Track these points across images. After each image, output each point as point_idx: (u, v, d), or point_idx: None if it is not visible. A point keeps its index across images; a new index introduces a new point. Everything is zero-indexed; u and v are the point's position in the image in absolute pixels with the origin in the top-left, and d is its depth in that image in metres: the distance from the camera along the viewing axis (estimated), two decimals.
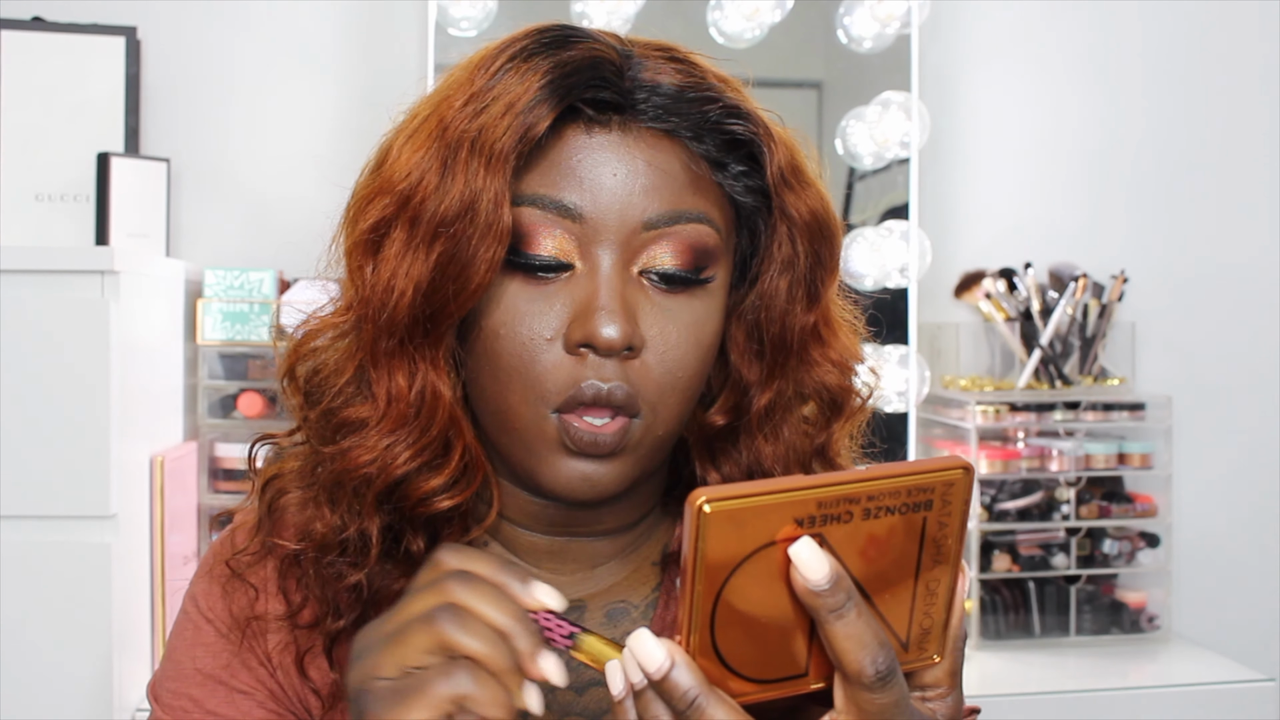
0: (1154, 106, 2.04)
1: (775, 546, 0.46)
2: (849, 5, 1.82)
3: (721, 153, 0.66)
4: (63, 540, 1.38)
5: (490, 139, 0.61)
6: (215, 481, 1.66)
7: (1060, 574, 1.79)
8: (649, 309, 0.64)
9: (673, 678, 0.47)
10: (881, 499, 0.47)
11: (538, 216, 0.62)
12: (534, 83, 0.61)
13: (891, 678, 0.47)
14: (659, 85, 0.64)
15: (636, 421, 0.64)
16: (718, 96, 0.65)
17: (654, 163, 0.63)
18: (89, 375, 1.37)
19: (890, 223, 1.82)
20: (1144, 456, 1.81)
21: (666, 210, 0.63)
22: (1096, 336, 1.87)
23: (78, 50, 1.71)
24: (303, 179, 1.83)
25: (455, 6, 1.74)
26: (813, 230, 0.68)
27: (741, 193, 0.67)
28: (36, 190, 1.70)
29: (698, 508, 0.45)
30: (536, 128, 0.61)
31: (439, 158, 0.62)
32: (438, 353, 0.64)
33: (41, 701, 1.37)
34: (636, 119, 0.64)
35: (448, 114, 0.63)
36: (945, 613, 0.51)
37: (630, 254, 0.63)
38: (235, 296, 1.69)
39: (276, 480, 0.70)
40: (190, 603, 0.74)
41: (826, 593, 0.46)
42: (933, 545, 0.48)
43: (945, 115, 1.96)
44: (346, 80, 1.88)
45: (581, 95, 0.62)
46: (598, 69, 0.63)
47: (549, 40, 0.63)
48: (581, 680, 0.72)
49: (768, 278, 0.68)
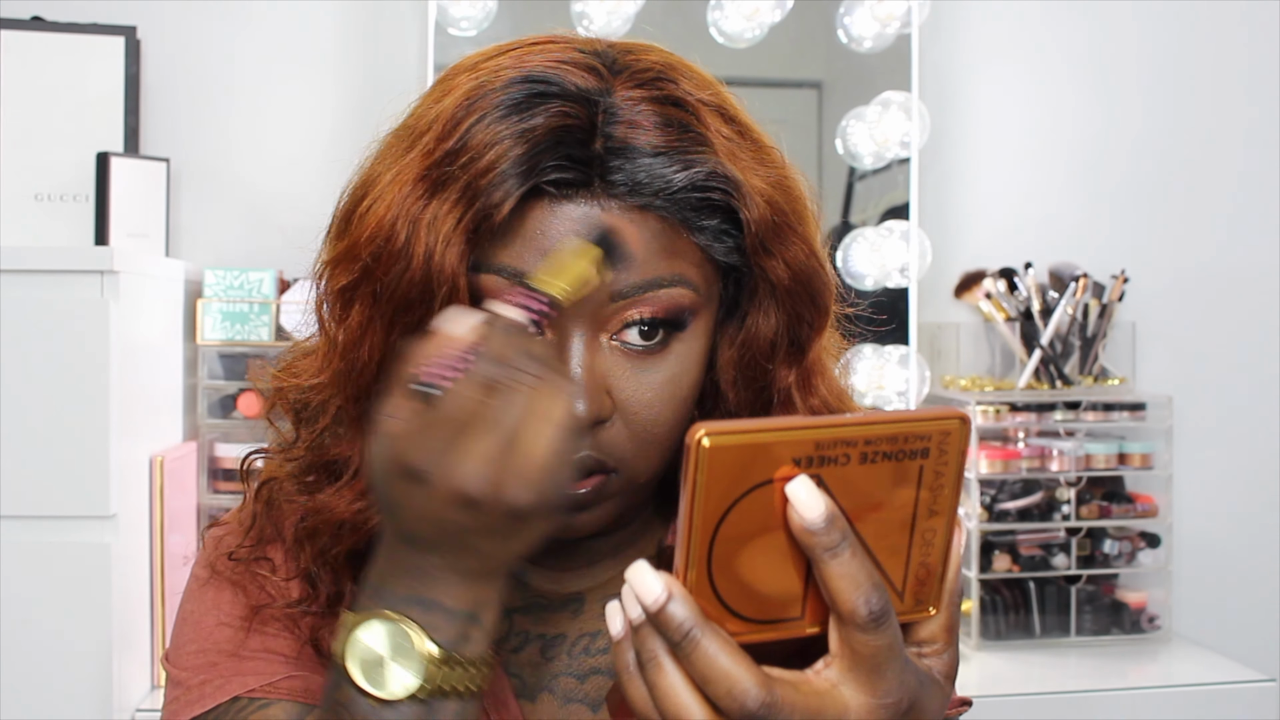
0: (1154, 106, 2.04)
1: (772, 485, 0.47)
2: (849, 5, 1.82)
3: (699, 216, 0.62)
4: (63, 540, 1.37)
5: (449, 219, 0.59)
6: (215, 481, 1.66)
7: (1060, 574, 1.79)
8: (621, 374, 0.63)
9: (669, 610, 0.47)
10: (878, 444, 0.47)
11: (502, 285, 0.60)
12: (493, 160, 0.59)
13: (885, 620, 0.47)
14: (630, 148, 0.60)
15: (614, 476, 0.64)
16: (693, 159, 0.61)
17: (627, 236, 0.61)
18: (89, 375, 1.37)
19: (890, 223, 1.83)
20: (1144, 456, 1.81)
21: (635, 281, 0.61)
22: (1097, 336, 1.87)
23: (77, 50, 1.71)
24: (303, 179, 1.83)
25: (455, 6, 1.74)
26: (794, 292, 0.66)
27: (722, 253, 0.64)
28: (36, 190, 1.70)
29: (696, 441, 0.45)
30: (496, 215, 0.59)
31: (403, 227, 0.60)
32: None
33: (41, 701, 1.37)
34: (606, 190, 0.61)
35: (406, 177, 0.61)
36: (941, 565, 0.51)
37: (598, 324, 0.62)
38: (235, 296, 1.69)
39: (272, 483, 0.70)
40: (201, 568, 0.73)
41: (821, 531, 0.46)
42: (929, 494, 0.49)
43: (945, 115, 1.96)
44: (346, 80, 1.88)
45: (544, 177, 0.59)
46: (563, 143, 0.59)
47: (515, 100, 0.60)
48: (584, 669, 0.73)
49: (750, 331, 0.67)
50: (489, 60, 0.64)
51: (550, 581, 0.75)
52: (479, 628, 0.56)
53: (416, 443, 0.52)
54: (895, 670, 0.48)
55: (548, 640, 0.74)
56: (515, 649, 0.74)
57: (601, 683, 0.73)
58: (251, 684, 0.67)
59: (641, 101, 0.62)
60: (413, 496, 0.52)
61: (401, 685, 0.54)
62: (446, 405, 0.51)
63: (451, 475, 0.51)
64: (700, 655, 0.46)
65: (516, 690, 0.73)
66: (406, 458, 0.52)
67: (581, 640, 0.74)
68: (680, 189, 0.61)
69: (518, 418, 0.52)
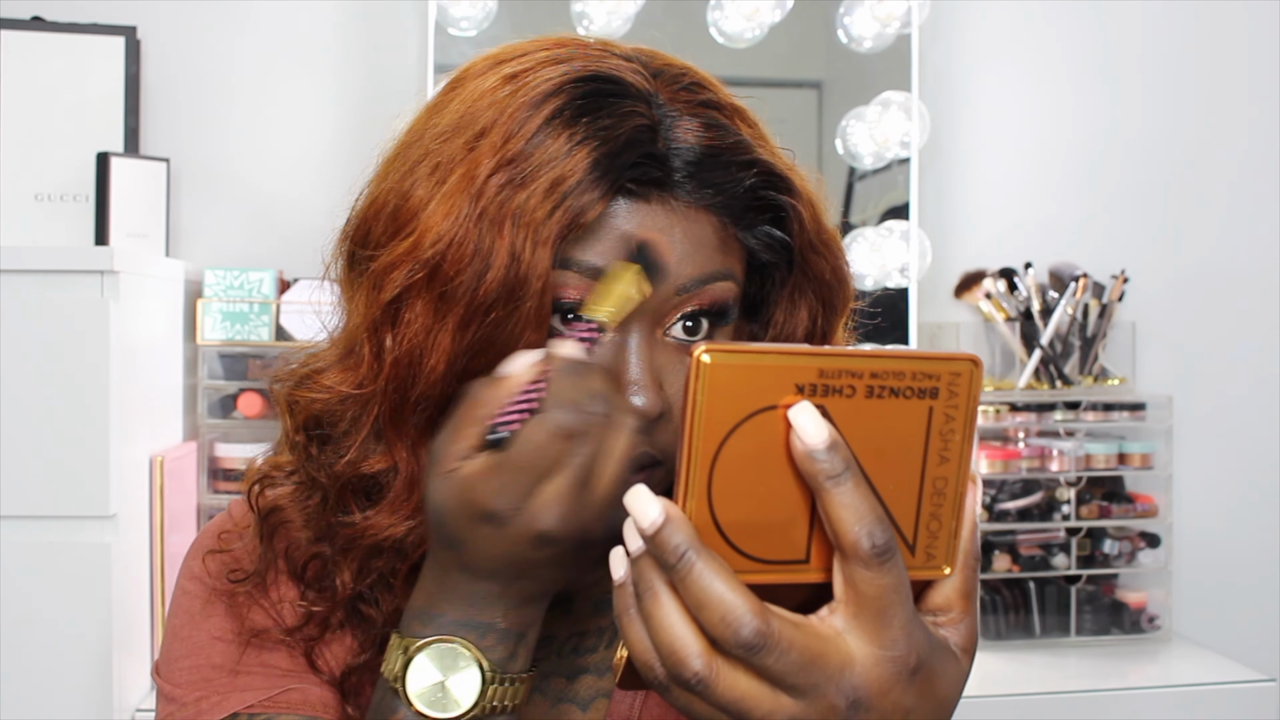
0: (1154, 106, 2.04)
1: (775, 412, 0.46)
2: (849, 5, 1.82)
3: (751, 216, 0.65)
4: (63, 540, 1.37)
5: (536, 220, 0.57)
6: (215, 481, 1.66)
7: (1060, 574, 1.79)
8: (673, 369, 0.63)
9: (664, 532, 0.45)
10: (885, 378, 0.46)
11: (574, 280, 0.60)
12: (580, 161, 0.58)
13: (890, 556, 0.45)
14: (691, 148, 0.62)
15: (659, 469, 0.63)
16: (751, 160, 0.63)
17: (689, 233, 0.62)
18: (89, 375, 1.37)
19: (890, 223, 1.82)
20: (1144, 456, 1.81)
21: (697, 275, 0.62)
22: (1097, 336, 1.87)
23: (77, 50, 1.71)
24: (303, 179, 1.83)
25: (455, 6, 1.74)
26: (832, 286, 0.69)
27: (763, 250, 0.66)
28: (36, 190, 1.70)
29: (697, 358, 0.45)
30: (587, 214, 0.58)
31: (481, 226, 0.58)
32: None
33: (41, 701, 1.37)
34: (673, 191, 0.62)
35: (478, 175, 0.59)
36: (955, 520, 0.49)
37: (660, 319, 0.63)
38: (235, 296, 1.69)
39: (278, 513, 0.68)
40: (189, 581, 0.72)
41: (823, 458, 0.45)
42: (939, 439, 0.47)
43: (945, 115, 1.96)
44: (346, 80, 1.88)
45: (629, 176, 0.60)
46: (639, 144, 0.60)
47: (584, 101, 0.60)
48: (573, 668, 0.73)
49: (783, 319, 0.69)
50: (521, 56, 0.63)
51: None
52: (525, 645, 0.59)
53: (492, 487, 0.54)
54: (902, 619, 0.46)
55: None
56: None
57: (591, 682, 0.72)
58: (250, 699, 0.67)
59: (684, 104, 0.63)
60: (487, 537, 0.55)
61: (458, 706, 0.57)
62: (519, 451, 0.54)
63: (531, 518, 0.54)
64: (695, 579, 0.45)
65: None
66: (482, 502, 0.54)
67: (571, 640, 0.74)
68: (741, 188, 0.63)
69: (588, 457, 0.54)
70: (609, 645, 0.74)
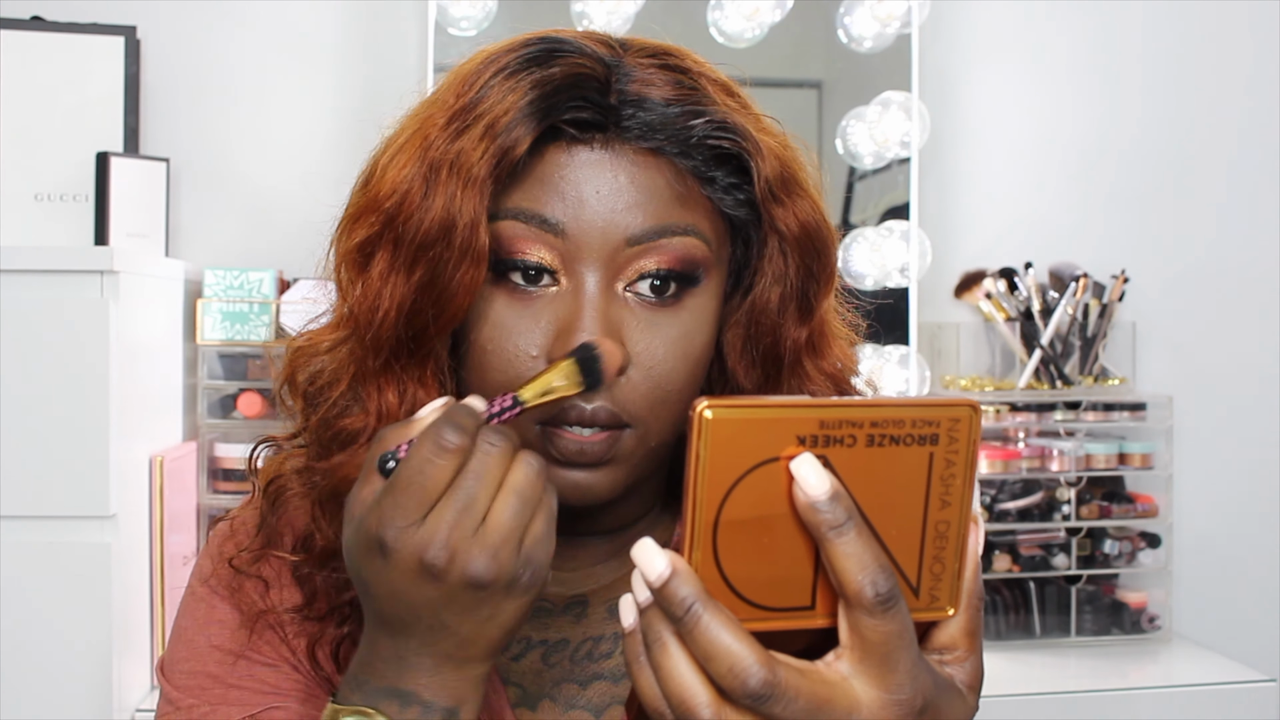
0: (1154, 106, 2.04)
1: (778, 464, 0.46)
2: (849, 5, 1.82)
3: (709, 167, 0.64)
4: (63, 540, 1.37)
5: (468, 162, 0.60)
6: (215, 481, 1.66)
7: (1061, 574, 1.79)
8: (635, 325, 0.63)
9: (671, 585, 0.46)
10: (885, 426, 0.47)
11: (520, 230, 0.62)
12: (514, 102, 0.60)
13: (894, 603, 0.46)
14: (645, 99, 0.63)
15: (628, 432, 0.64)
16: (704, 110, 0.63)
17: (637, 179, 0.63)
18: (89, 375, 1.37)
19: (890, 223, 1.82)
20: (1144, 456, 1.81)
21: (650, 225, 0.62)
22: (1097, 336, 1.87)
23: (77, 50, 1.71)
24: (303, 179, 1.83)
25: (455, 6, 1.74)
26: (803, 244, 0.67)
27: (731, 206, 0.66)
28: (36, 190, 1.70)
29: (699, 414, 0.45)
30: (515, 150, 0.60)
31: (421, 177, 0.61)
32: (424, 370, 0.64)
33: (41, 701, 1.37)
34: (620, 136, 0.63)
35: (431, 132, 0.62)
36: (957, 561, 0.50)
37: (614, 271, 0.63)
38: (235, 296, 1.69)
39: (278, 480, 0.70)
40: (199, 582, 0.73)
41: (826, 509, 0.45)
42: (940, 484, 0.48)
43: (945, 115, 1.96)
44: (346, 80, 1.88)
45: (562, 116, 0.61)
46: (580, 87, 0.61)
47: (533, 55, 0.62)
48: (587, 674, 0.72)
49: (760, 290, 0.68)
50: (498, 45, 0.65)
51: (554, 584, 0.74)
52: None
53: (380, 514, 0.53)
54: (907, 663, 0.47)
55: (550, 646, 0.73)
56: (515, 657, 0.72)
57: (604, 689, 0.72)
58: (235, 715, 0.68)
59: (651, 67, 0.64)
60: (379, 571, 0.53)
61: None
62: (401, 470, 0.53)
63: (410, 543, 0.52)
64: (702, 631, 0.46)
65: (517, 699, 0.72)
66: (371, 529, 0.53)
67: (585, 645, 0.73)
68: (693, 135, 0.63)
69: (477, 486, 0.53)
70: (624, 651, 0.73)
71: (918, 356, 1.81)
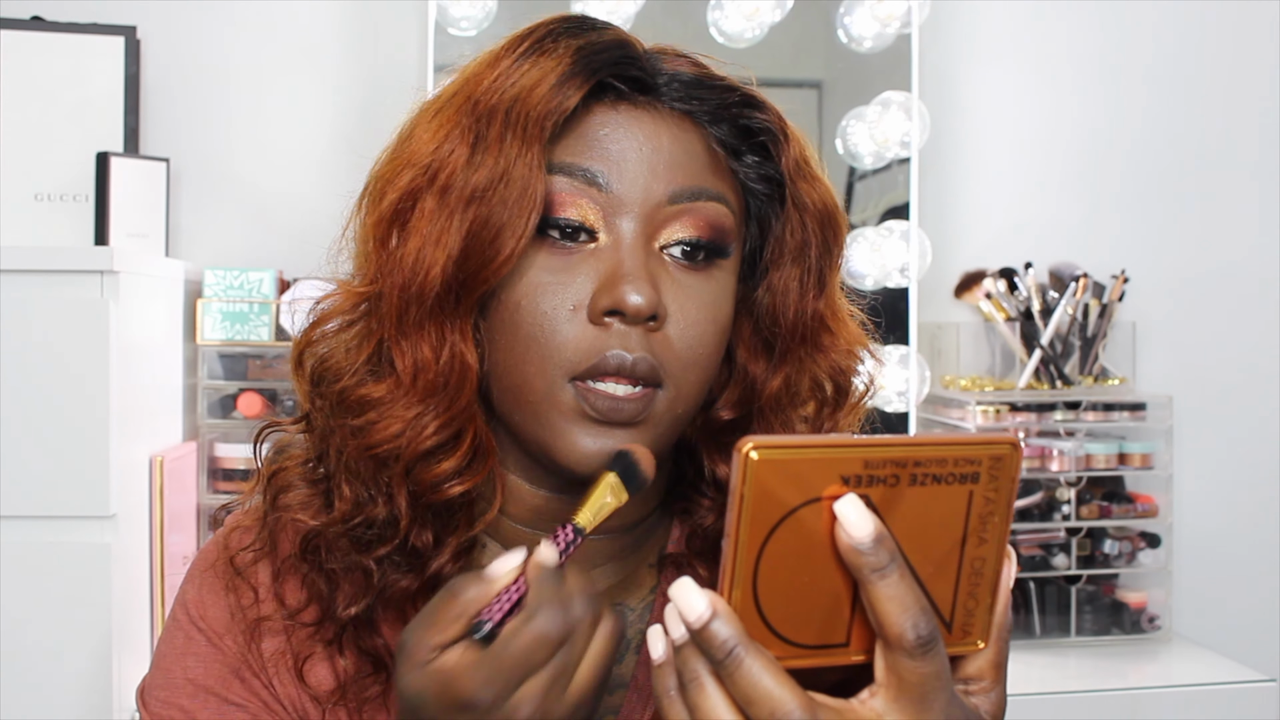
0: (1154, 106, 2.04)
1: (821, 503, 0.46)
2: (849, 5, 1.82)
3: (737, 140, 0.67)
4: (63, 540, 1.37)
5: (524, 109, 0.62)
6: (215, 481, 1.66)
7: (1061, 574, 1.79)
8: (670, 284, 0.64)
9: (712, 628, 0.46)
10: (928, 466, 0.47)
11: (564, 184, 0.63)
12: (564, 59, 0.63)
13: (933, 646, 0.46)
14: (679, 73, 0.66)
15: (660, 393, 0.64)
16: (735, 87, 0.67)
17: (678, 141, 0.65)
18: (89, 375, 1.37)
19: (890, 223, 1.82)
20: (1144, 456, 1.81)
21: (689, 186, 0.64)
22: (1097, 336, 1.87)
23: (77, 50, 1.71)
24: (303, 179, 1.83)
25: (455, 6, 1.74)
26: (823, 218, 0.69)
27: (755, 180, 0.68)
28: (36, 190, 1.70)
29: (745, 454, 0.45)
30: (568, 101, 0.62)
31: (470, 130, 0.63)
32: (467, 323, 0.64)
33: (41, 701, 1.37)
34: (660, 99, 0.66)
35: (476, 90, 0.64)
36: (990, 597, 0.50)
37: (653, 228, 0.64)
38: (235, 296, 1.69)
39: (281, 474, 0.70)
40: (180, 609, 0.73)
41: (869, 551, 0.46)
42: (979, 521, 0.48)
43: (945, 115, 1.95)
44: (346, 80, 1.88)
45: (610, 72, 0.64)
46: (624, 49, 0.65)
47: (574, 25, 0.65)
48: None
49: (781, 266, 0.69)
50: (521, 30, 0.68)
51: None
52: None
53: (476, 680, 0.54)
54: (941, 702, 0.47)
55: None
56: None
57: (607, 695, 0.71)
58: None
59: (675, 56, 0.68)
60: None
61: None
62: (505, 647, 0.54)
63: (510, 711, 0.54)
64: (744, 675, 0.46)
65: None
66: (465, 693, 0.54)
67: None
68: (729, 104, 0.66)
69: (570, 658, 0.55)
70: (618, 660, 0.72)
71: (918, 356, 1.81)
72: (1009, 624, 0.52)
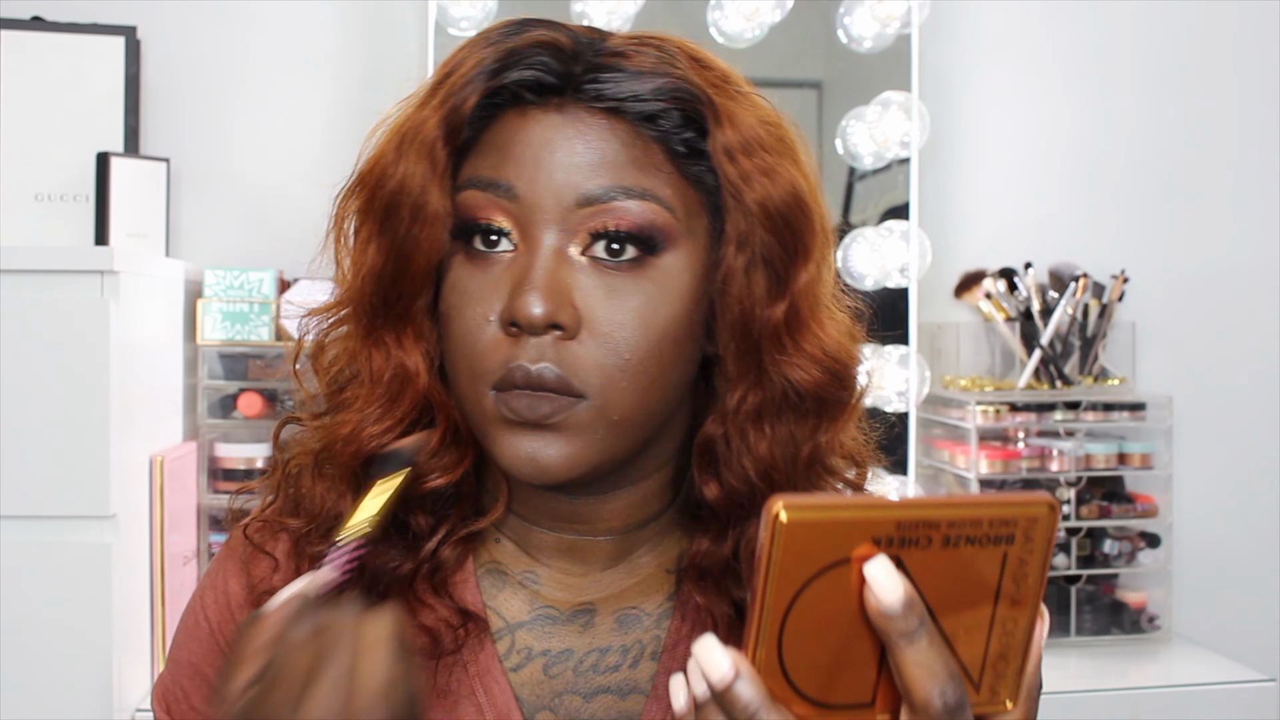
0: (1154, 106, 2.04)
1: (850, 565, 0.45)
2: (849, 5, 1.82)
3: (678, 132, 0.64)
4: (63, 540, 1.37)
5: (423, 125, 0.63)
6: (215, 481, 1.66)
7: (1060, 574, 1.79)
8: (591, 289, 0.63)
9: (735, 689, 0.45)
10: (962, 527, 0.46)
11: (477, 198, 0.64)
12: (470, 68, 0.64)
13: (960, 713, 0.46)
14: (609, 66, 0.63)
15: (583, 403, 0.62)
16: (667, 74, 0.63)
17: (592, 142, 0.63)
18: (89, 375, 1.37)
19: (890, 223, 1.82)
20: (1144, 456, 1.81)
21: (604, 186, 0.62)
22: (1097, 336, 1.87)
23: (77, 50, 1.71)
24: (303, 179, 1.83)
25: (455, 6, 1.74)
26: (768, 209, 0.64)
27: (692, 172, 0.65)
28: (36, 190, 1.70)
29: (774, 516, 0.44)
30: (462, 109, 0.63)
31: (395, 148, 0.65)
32: (403, 333, 0.67)
33: (41, 701, 1.37)
34: (577, 99, 0.64)
35: (409, 108, 0.66)
36: (1021, 658, 0.49)
37: (568, 233, 0.63)
38: (235, 296, 1.69)
39: (296, 459, 0.72)
40: (196, 597, 0.75)
41: (899, 616, 0.45)
42: (1012, 582, 0.47)
43: (945, 115, 1.95)
44: (346, 80, 1.88)
45: (513, 78, 0.63)
46: (537, 53, 0.63)
47: (507, 30, 0.65)
48: (591, 687, 0.71)
49: (725, 255, 0.65)
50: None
51: (560, 588, 0.72)
52: None
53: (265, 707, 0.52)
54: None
55: (552, 656, 0.71)
56: (515, 667, 0.71)
57: (610, 702, 0.70)
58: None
59: (629, 43, 0.65)
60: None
61: None
62: (279, 666, 0.53)
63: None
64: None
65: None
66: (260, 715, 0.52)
67: (590, 656, 0.71)
68: (650, 99, 0.63)
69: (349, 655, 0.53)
70: (633, 665, 0.71)
71: (918, 356, 1.81)
72: (1039, 684, 0.51)
